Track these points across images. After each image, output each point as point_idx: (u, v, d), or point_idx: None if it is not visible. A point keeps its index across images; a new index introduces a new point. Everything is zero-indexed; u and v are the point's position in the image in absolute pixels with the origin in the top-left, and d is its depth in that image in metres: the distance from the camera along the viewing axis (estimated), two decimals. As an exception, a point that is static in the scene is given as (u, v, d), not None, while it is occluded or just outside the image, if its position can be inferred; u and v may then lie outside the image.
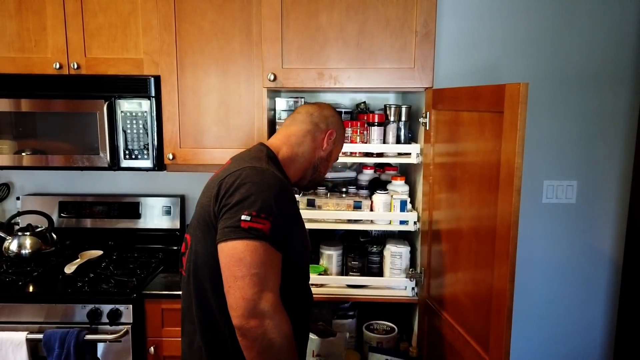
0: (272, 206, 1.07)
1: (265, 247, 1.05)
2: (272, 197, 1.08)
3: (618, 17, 2.11)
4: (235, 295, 1.03)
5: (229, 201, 1.08)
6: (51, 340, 1.72)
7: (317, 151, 1.36)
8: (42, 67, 1.97)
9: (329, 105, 1.45)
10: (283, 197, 1.12)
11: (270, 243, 1.06)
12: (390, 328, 1.94)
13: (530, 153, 2.14)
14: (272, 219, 1.06)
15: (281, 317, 1.05)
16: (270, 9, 1.83)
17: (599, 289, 2.26)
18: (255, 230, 1.05)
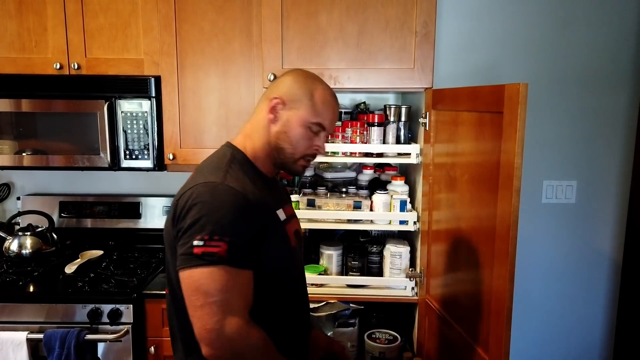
0: (225, 226, 1.01)
1: (223, 271, 0.99)
2: (225, 215, 1.01)
3: (618, 17, 2.11)
4: (198, 326, 0.99)
5: (182, 225, 1.03)
6: (51, 340, 1.72)
7: (270, 127, 1.18)
8: (42, 68, 1.97)
9: (295, 70, 1.25)
10: (239, 212, 1.03)
11: (230, 264, 1.00)
12: (392, 337, 1.89)
13: (529, 153, 2.14)
14: (229, 239, 1.00)
15: (250, 337, 1.01)
16: (271, 9, 1.83)
17: (598, 289, 2.26)
18: (210, 255, 0.99)
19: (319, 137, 1.20)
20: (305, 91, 1.18)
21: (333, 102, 1.22)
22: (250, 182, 1.12)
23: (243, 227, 1.03)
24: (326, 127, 1.20)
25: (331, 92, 1.22)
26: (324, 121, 1.19)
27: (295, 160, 1.19)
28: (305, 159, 1.21)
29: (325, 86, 1.22)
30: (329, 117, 1.20)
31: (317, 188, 2.04)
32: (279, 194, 1.28)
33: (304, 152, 1.19)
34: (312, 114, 1.17)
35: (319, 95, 1.19)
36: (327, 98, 1.20)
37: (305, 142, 1.18)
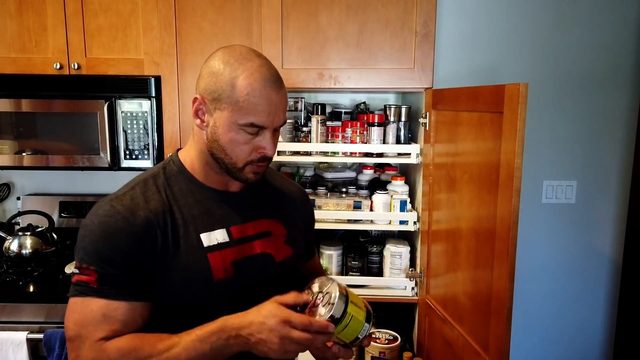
0: (92, 253, 0.90)
1: (89, 302, 0.88)
2: (93, 242, 0.91)
3: (618, 17, 2.11)
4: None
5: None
6: (51, 340, 1.72)
7: (202, 134, 0.99)
8: (42, 68, 1.97)
9: (215, 52, 1.00)
10: (107, 237, 0.90)
11: (97, 295, 0.88)
12: (393, 337, 1.89)
13: (529, 153, 2.14)
14: (96, 268, 0.89)
15: (108, 354, 0.87)
16: (271, 9, 1.83)
17: (598, 289, 2.26)
18: (81, 284, 0.89)
19: (262, 137, 0.95)
20: (225, 83, 0.93)
21: (265, 87, 0.92)
22: (164, 199, 0.96)
23: (114, 254, 0.89)
24: (262, 124, 0.93)
25: (262, 74, 0.93)
26: (256, 119, 0.92)
27: (240, 169, 0.97)
28: (253, 165, 0.97)
29: (252, 67, 0.93)
30: (264, 110, 0.92)
31: (317, 188, 2.04)
32: (234, 210, 1.03)
33: (246, 159, 0.96)
34: (239, 113, 0.92)
35: (242, 85, 0.92)
36: (254, 85, 0.91)
37: (243, 148, 0.95)
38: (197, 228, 0.97)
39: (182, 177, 1.02)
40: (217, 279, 0.96)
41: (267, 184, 1.14)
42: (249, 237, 1.03)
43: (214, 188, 1.03)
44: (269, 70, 0.95)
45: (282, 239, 1.08)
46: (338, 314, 0.89)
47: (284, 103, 0.96)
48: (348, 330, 0.91)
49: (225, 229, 1.00)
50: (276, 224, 1.08)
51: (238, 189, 1.06)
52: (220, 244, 0.98)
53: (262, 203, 1.09)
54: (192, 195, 1.00)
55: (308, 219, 1.22)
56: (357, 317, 0.92)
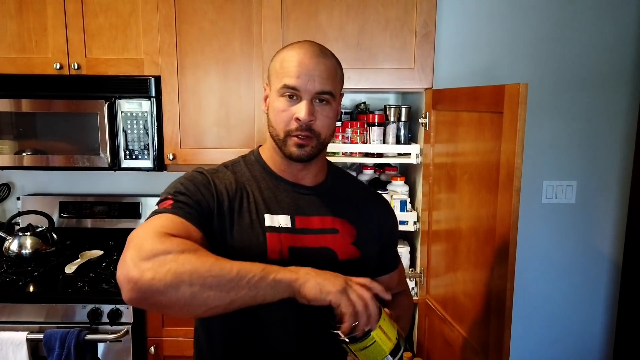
0: (174, 187, 0.99)
1: (163, 216, 0.91)
2: (177, 182, 1.01)
3: (618, 17, 2.11)
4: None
5: None
6: (51, 340, 1.72)
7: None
8: (42, 68, 1.97)
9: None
10: (189, 179, 1.01)
11: (170, 213, 0.92)
12: None
13: (529, 153, 2.14)
14: (173, 197, 0.96)
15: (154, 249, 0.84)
16: (271, 9, 1.83)
17: (598, 289, 2.26)
18: (159, 210, 0.94)
19: (296, 104, 0.99)
20: (275, 60, 1.04)
21: (299, 53, 0.99)
22: (240, 180, 1.05)
23: (192, 189, 0.98)
24: (294, 85, 0.97)
25: (301, 46, 1.01)
26: (288, 80, 0.97)
27: (283, 141, 1.01)
28: (292, 136, 1.00)
29: (298, 44, 1.03)
30: (294, 72, 0.97)
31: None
32: (302, 202, 1.06)
33: (285, 128, 1.00)
34: (277, 79, 1.00)
35: (281, 57, 1.02)
36: (290, 53, 1.00)
37: (282, 115, 0.99)
38: (262, 208, 1.03)
39: (258, 166, 1.09)
40: (270, 258, 0.99)
41: (346, 187, 1.16)
42: (313, 230, 1.05)
43: (287, 179, 1.08)
44: (311, 45, 1.02)
45: (350, 239, 1.07)
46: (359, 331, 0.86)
47: (321, 70, 0.99)
48: (367, 353, 0.88)
49: (289, 216, 1.04)
50: (345, 223, 1.08)
51: (312, 184, 1.09)
52: (281, 227, 1.02)
53: (334, 201, 1.10)
54: (265, 182, 1.07)
55: (386, 230, 1.18)
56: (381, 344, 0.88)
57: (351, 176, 1.24)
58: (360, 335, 0.86)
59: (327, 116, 1.01)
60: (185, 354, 1.82)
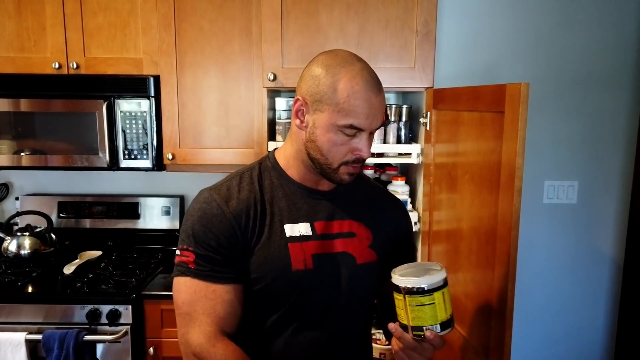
0: (191, 235, 0.99)
1: (190, 283, 0.98)
2: (192, 225, 1.00)
3: (618, 16, 2.10)
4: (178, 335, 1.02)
5: None
6: (50, 341, 1.71)
7: (300, 134, 1.02)
8: (41, 67, 1.96)
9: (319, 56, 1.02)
10: (206, 222, 0.99)
11: (195, 276, 0.98)
12: None
13: (531, 153, 2.14)
14: (194, 249, 0.99)
15: (213, 353, 0.97)
16: (270, 8, 1.82)
17: (599, 290, 2.26)
18: (182, 265, 1.00)
19: (359, 139, 0.98)
20: (327, 86, 0.96)
21: (366, 90, 0.95)
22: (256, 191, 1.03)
23: (210, 238, 0.98)
24: (361, 126, 0.96)
25: (363, 78, 0.96)
26: (355, 121, 0.95)
27: (335, 169, 1.00)
28: (348, 166, 1.00)
29: (354, 70, 0.96)
30: (363, 113, 0.95)
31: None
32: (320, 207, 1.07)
33: (341, 160, 0.99)
34: (339, 114, 0.95)
35: (344, 87, 0.95)
36: (355, 88, 0.95)
37: (340, 149, 0.98)
38: (282, 219, 1.03)
39: (275, 173, 1.08)
40: (295, 269, 1.01)
41: (361, 189, 1.16)
42: (332, 235, 1.06)
43: (304, 185, 1.07)
44: (370, 73, 0.98)
45: (367, 242, 1.09)
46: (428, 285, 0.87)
47: (383, 106, 1.00)
48: (419, 311, 0.88)
49: (309, 223, 1.04)
50: (361, 226, 1.09)
51: (328, 189, 1.09)
52: (302, 236, 1.03)
53: (350, 205, 1.10)
54: (282, 189, 1.06)
55: (402, 231, 1.20)
56: (437, 309, 0.89)
57: (365, 177, 1.24)
58: (423, 290, 0.87)
59: (372, 143, 1.03)
60: (185, 354, 1.81)
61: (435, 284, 0.89)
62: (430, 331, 0.90)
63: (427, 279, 0.90)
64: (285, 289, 1.01)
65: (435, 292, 0.89)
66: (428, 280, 0.89)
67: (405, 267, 0.98)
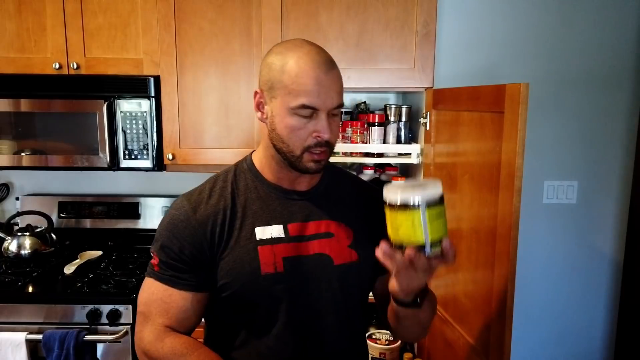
0: (158, 240, 1.02)
1: (151, 284, 1.02)
2: (160, 230, 1.03)
3: (618, 17, 2.10)
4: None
5: None
6: (50, 341, 1.71)
7: (265, 128, 1.01)
8: (41, 67, 1.96)
9: (273, 47, 1.02)
10: (173, 229, 1.00)
11: (156, 279, 1.01)
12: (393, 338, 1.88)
13: (530, 153, 2.13)
14: (158, 254, 1.01)
15: (161, 349, 0.98)
16: (270, 9, 1.83)
17: (599, 290, 2.26)
18: (149, 266, 1.04)
19: (317, 119, 0.94)
20: (276, 71, 0.95)
21: (313, 68, 0.93)
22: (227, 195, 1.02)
23: (174, 244, 0.99)
24: (313, 104, 0.92)
25: (310, 57, 0.94)
26: (307, 100, 0.92)
27: (298, 157, 0.96)
28: (310, 152, 0.96)
29: (301, 51, 0.95)
30: (313, 90, 0.92)
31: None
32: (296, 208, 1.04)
33: (303, 145, 0.95)
34: (290, 96, 0.93)
35: (291, 69, 0.93)
36: (303, 67, 0.93)
37: (299, 133, 0.94)
38: (254, 222, 1.01)
39: (250, 174, 1.06)
40: (264, 272, 0.98)
41: (342, 188, 1.12)
42: (306, 236, 1.02)
43: (280, 186, 1.04)
44: (319, 53, 0.96)
45: (346, 242, 1.05)
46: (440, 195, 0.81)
47: (336, 84, 0.96)
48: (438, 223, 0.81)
49: (282, 225, 1.01)
50: (341, 226, 1.05)
51: (306, 189, 1.06)
52: (273, 238, 1.00)
53: (329, 204, 1.07)
54: (256, 191, 1.04)
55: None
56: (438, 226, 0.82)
57: (351, 175, 1.21)
58: (441, 199, 0.82)
59: (337, 126, 1.00)
60: (185, 354, 1.81)
61: (418, 199, 0.82)
62: (410, 249, 0.83)
63: (438, 188, 0.83)
64: (255, 293, 0.99)
65: (416, 208, 0.82)
66: (439, 190, 0.83)
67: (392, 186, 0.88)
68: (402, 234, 0.83)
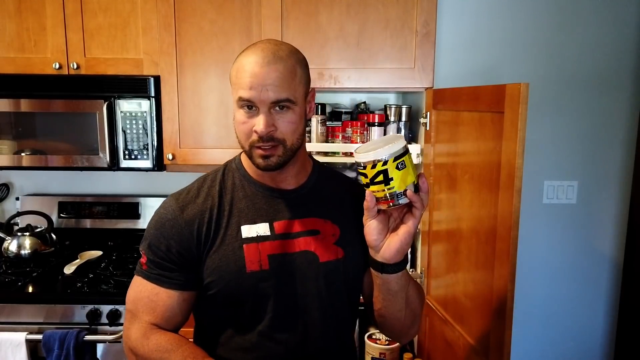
0: (147, 239, 1.03)
1: (139, 282, 1.03)
2: (149, 229, 1.05)
3: (618, 17, 2.10)
4: None
5: None
6: (50, 341, 1.71)
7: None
8: (41, 67, 1.96)
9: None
10: (160, 227, 1.02)
11: (144, 277, 1.02)
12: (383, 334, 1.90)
13: (530, 153, 2.14)
14: (146, 253, 1.03)
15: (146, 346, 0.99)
16: (271, 9, 1.83)
17: (599, 290, 2.26)
18: (138, 264, 1.05)
19: (255, 116, 0.95)
20: (231, 70, 1.01)
21: (251, 62, 0.94)
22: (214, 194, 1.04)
23: (161, 243, 1.01)
24: (249, 97, 0.93)
25: (254, 52, 0.96)
26: (242, 92, 0.94)
27: (249, 152, 0.98)
28: (255, 148, 0.96)
29: (250, 48, 0.98)
30: (246, 83, 0.93)
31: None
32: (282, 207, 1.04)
33: (247, 141, 0.97)
34: (234, 90, 0.98)
35: (236, 63, 0.98)
36: (242, 62, 0.96)
37: (242, 128, 0.96)
38: (240, 220, 1.02)
39: (238, 173, 1.07)
40: (249, 270, 0.99)
41: (330, 186, 1.13)
42: (292, 234, 1.03)
43: (266, 184, 1.05)
44: (264, 50, 0.95)
45: (332, 239, 1.05)
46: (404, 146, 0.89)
47: (273, 77, 0.93)
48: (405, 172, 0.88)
49: (267, 222, 1.02)
50: (327, 223, 1.05)
51: (292, 187, 1.06)
52: (259, 236, 1.01)
53: (315, 202, 1.07)
54: (242, 190, 1.05)
55: None
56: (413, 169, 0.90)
57: (340, 175, 1.21)
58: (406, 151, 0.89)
59: (289, 122, 0.96)
60: (185, 354, 1.81)
61: (404, 146, 0.90)
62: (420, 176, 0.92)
63: (402, 141, 0.90)
64: (240, 291, 0.99)
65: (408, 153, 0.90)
66: (403, 142, 0.90)
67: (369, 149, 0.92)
68: (400, 181, 0.88)
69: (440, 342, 1.70)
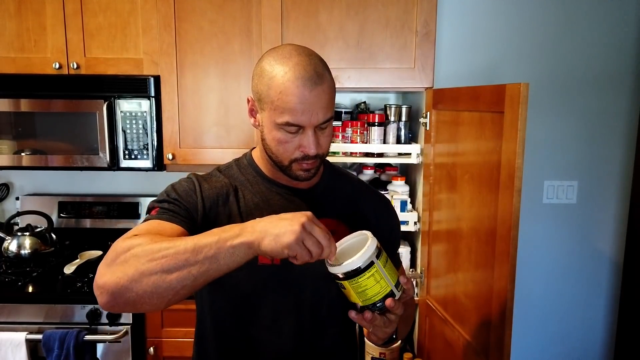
0: (161, 195, 1.01)
1: (149, 221, 0.96)
2: (165, 191, 1.02)
3: (618, 17, 2.10)
4: None
5: None
6: (50, 341, 1.71)
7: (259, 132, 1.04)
8: (41, 67, 1.96)
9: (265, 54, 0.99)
10: (176, 187, 1.02)
11: (151, 219, 0.96)
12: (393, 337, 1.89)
13: (530, 153, 2.14)
14: (159, 204, 0.98)
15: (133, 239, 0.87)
16: (271, 8, 1.83)
17: (599, 290, 2.26)
18: (146, 218, 0.99)
19: (303, 134, 0.94)
20: (264, 85, 0.94)
21: (298, 85, 0.90)
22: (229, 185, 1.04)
23: (172, 194, 0.99)
24: (298, 122, 0.92)
25: (296, 73, 0.91)
26: (291, 118, 0.91)
27: (287, 167, 0.98)
28: (299, 163, 0.97)
29: (288, 66, 0.92)
30: (298, 109, 0.91)
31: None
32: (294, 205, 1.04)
33: (290, 158, 0.97)
34: (276, 112, 0.93)
35: (276, 84, 0.91)
36: (286, 84, 0.90)
37: (286, 147, 0.95)
38: (253, 214, 1.00)
39: (251, 170, 1.07)
40: (261, 263, 0.98)
41: (342, 186, 1.13)
42: None
43: (280, 182, 1.05)
44: (305, 67, 0.92)
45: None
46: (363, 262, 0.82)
47: (322, 100, 0.93)
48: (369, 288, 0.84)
49: None
50: (338, 224, 1.06)
51: (305, 187, 1.06)
52: None
53: (327, 202, 1.08)
54: (257, 186, 1.05)
55: (384, 229, 1.12)
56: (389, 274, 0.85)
57: (350, 175, 1.22)
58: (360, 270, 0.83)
59: (328, 136, 0.98)
60: (185, 354, 1.81)
61: (369, 257, 0.84)
62: (389, 299, 0.86)
63: (360, 255, 0.84)
64: (249, 282, 0.99)
65: (373, 265, 0.84)
66: (362, 257, 0.84)
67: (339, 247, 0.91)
68: (371, 293, 0.85)
69: (440, 342, 1.70)
